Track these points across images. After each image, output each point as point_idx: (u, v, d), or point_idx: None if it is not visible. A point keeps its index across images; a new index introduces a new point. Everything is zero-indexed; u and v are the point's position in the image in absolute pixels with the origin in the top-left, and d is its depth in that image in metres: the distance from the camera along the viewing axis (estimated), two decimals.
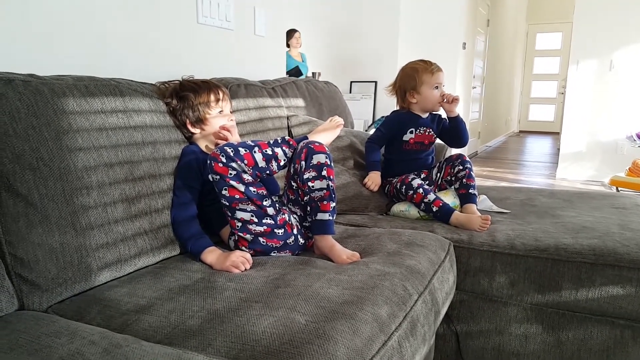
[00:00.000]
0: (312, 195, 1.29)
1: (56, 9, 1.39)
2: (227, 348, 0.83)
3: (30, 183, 1.00)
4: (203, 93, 1.40)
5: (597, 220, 1.63)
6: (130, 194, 1.21)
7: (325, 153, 1.29)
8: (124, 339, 0.81)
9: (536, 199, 1.96)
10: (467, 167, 1.79)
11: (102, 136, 1.17)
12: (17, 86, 1.04)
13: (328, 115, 2.24)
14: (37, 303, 1.00)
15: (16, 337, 0.81)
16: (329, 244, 1.27)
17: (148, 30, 1.70)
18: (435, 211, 1.68)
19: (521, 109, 11.28)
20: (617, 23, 4.76)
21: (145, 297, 1.03)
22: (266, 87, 1.95)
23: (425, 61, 1.89)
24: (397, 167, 1.92)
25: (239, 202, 1.22)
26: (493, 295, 1.50)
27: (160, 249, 1.27)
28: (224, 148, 1.19)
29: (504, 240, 1.49)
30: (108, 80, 1.28)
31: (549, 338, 1.45)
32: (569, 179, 5.20)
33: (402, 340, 0.96)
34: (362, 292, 1.02)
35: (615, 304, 1.36)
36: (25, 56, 1.32)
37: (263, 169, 1.24)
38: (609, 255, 1.37)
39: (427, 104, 1.88)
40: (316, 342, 0.82)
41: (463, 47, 5.67)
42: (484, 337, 1.53)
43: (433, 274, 1.25)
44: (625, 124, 4.86)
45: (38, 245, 1.00)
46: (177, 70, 1.81)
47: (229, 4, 2.06)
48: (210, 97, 1.41)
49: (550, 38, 10.52)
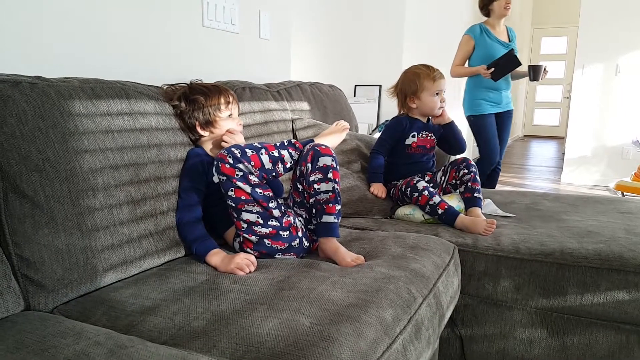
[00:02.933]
0: (317, 197, 1.29)
1: (59, 11, 1.40)
2: (232, 350, 0.83)
3: (37, 184, 1.01)
4: (213, 96, 1.42)
5: (603, 225, 1.62)
6: (135, 196, 1.21)
7: (331, 156, 1.29)
8: (129, 339, 0.81)
9: (541, 203, 1.96)
10: (472, 170, 1.79)
11: (108, 138, 1.18)
12: (24, 88, 1.05)
13: (332, 118, 2.24)
14: (43, 304, 1.01)
15: (22, 337, 0.81)
16: (333, 246, 1.27)
17: (154, 33, 1.70)
18: (441, 214, 1.67)
19: (526, 113, 11.25)
20: (623, 27, 4.74)
21: (151, 298, 1.03)
22: (271, 90, 1.96)
23: (428, 67, 1.90)
24: (400, 170, 1.92)
25: (245, 203, 1.22)
26: (498, 300, 1.50)
27: (165, 251, 1.27)
28: (231, 149, 1.20)
29: (509, 244, 1.49)
30: (114, 83, 1.29)
31: (553, 343, 1.45)
32: (574, 184, 5.19)
33: (407, 344, 0.96)
34: (367, 295, 1.02)
35: (621, 309, 1.35)
36: (32, 58, 1.33)
37: (269, 171, 1.24)
38: (614, 260, 1.36)
39: (426, 109, 1.90)
40: (321, 344, 0.82)
41: None
42: (488, 341, 1.53)
43: (438, 277, 1.25)
44: (631, 129, 4.84)
45: (44, 246, 1.01)
46: (182, 73, 1.81)
47: (234, 7, 2.07)
48: (220, 100, 1.43)
49: (555, 42, 10.49)
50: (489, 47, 3.26)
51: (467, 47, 3.33)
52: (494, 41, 3.28)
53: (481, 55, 3.26)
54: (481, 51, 3.28)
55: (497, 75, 3.14)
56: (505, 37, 3.36)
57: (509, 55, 3.12)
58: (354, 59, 4.20)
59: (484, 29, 3.30)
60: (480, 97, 3.33)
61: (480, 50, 3.28)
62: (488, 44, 3.27)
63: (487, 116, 3.34)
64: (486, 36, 3.28)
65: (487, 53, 3.24)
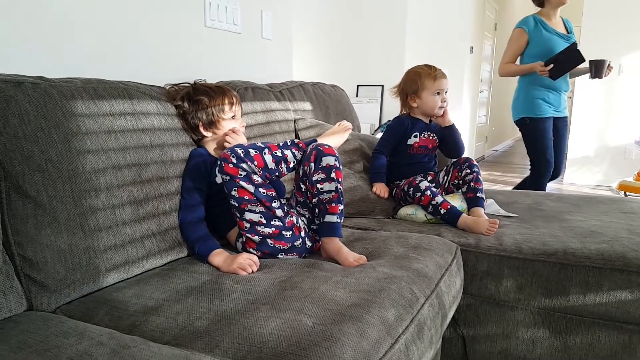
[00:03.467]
0: (320, 197, 1.29)
1: (60, 11, 1.40)
2: (235, 350, 0.83)
3: (39, 185, 1.01)
4: (218, 97, 1.42)
5: (606, 225, 1.62)
6: (138, 196, 1.21)
7: (335, 155, 1.29)
8: (132, 339, 0.81)
9: (544, 204, 1.96)
10: (474, 170, 1.79)
11: (110, 138, 1.18)
12: (26, 89, 1.05)
13: (335, 118, 2.24)
14: (46, 304, 1.01)
15: (25, 337, 0.81)
16: (336, 246, 1.27)
17: (156, 34, 1.71)
18: (443, 213, 1.67)
19: None
20: (626, 28, 4.73)
21: (153, 298, 1.03)
22: (273, 91, 1.96)
23: (430, 66, 1.90)
24: (402, 170, 1.92)
25: (248, 202, 1.22)
26: (500, 300, 1.50)
27: (167, 251, 1.27)
28: (234, 149, 1.20)
29: (511, 244, 1.48)
30: (116, 83, 1.29)
31: (556, 343, 1.45)
32: (577, 184, 5.18)
33: (409, 344, 0.95)
34: (369, 295, 1.02)
35: (624, 309, 1.35)
36: (34, 58, 1.33)
37: (272, 171, 1.25)
38: (617, 260, 1.36)
39: (427, 109, 1.90)
40: (323, 344, 0.82)
41: (470, 51, 5.66)
42: (490, 341, 1.53)
43: (440, 277, 1.25)
44: (633, 129, 4.83)
45: (47, 246, 1.01)
46: (184, 73, 1.82)
47: (236, 7, 2.07)
48: (224, 101, 1.43)
49: None
50: (546, 41, 2.82)
51: (520, 42, 2.90)
52: (552, 34, 2.84)
53: (538, 51, 2.83)
54: (537, 46, 2.84)
55: (556, 73, 2.71)
56: (563, 28, 2.92)
57: (571, 49, 2.68)
58: (356, 59, 4.20)
59: (538, 21, 2.85)
60: (540, 97, 2.88)
61: (535, 46, 2.85)
62: (545, 37, 2.83)
63: (546, 120, 2.90)
64: (542, 28, 2.84)
65: (545, 48, 2.81)
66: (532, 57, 2.86)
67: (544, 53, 2.78)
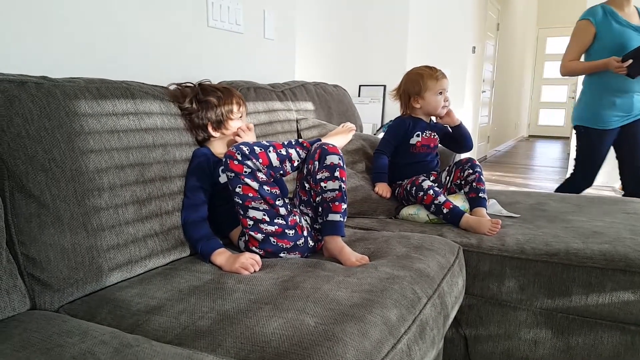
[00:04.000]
0: (324, 195, 1.30)
1: (61, 12, 1.40)
2: (237, 349, 0.83)
3: (43, 184, 1.01)
4: (227, 98, 1.45)
5: (608, 225, 1.62)
6: (141, 195, 1.22)
7: (339, 154, 1.30)
8: (134, 339, 0.81)
9: (546, 204, 1.95)
10: (477, 170, 1.79)
11: (113, 138, 1.18)
12: (29, 88, 1.05)
13: (337, 118, 2.25)
14: (49, 303, 1.02)
15: (28, 336, 0.82)
16: (338, 245, 1.28)
17: (159, 34, 1.71)
18: (446, 213, 1.67)
19: (531, 114, 11.22)
20: None
21: (156, 297, 1.03)
22: (275, 91, 1.96)
23: (430, 67, 1.91)
24: (405, 170, 1.92)
25: (252, 200, 1.23)
26: (502, 300, 1.50)
27: (170, 251, 1.27)
28: (239, 146, 1.21)
29: (513, 245, 1.48)
30: (119, 83, 1.29)
31: (558, 343, 1.44)
32: None
33: (411, 344, 0.95)
34: (371, 295, 1.02)
35: (626, 310, 1.35)
36: (38, 58, 1.34)
37: (277, 169, 1.25)
38: (620, 261, 1.35)
39: (430, 109, 1.91)
40: (325, 344, 0.82)
41: (473, 51, 5.66)
42: (492, 341, 1.53)
43: (442, 277, 1.25)
44: None
45: (50, 245, 1.01)
46: (187, 73, 1.82)
47: (238, 7, 2.07)
48: (233, 102, 1.46)
49: (560, 42, 10.45)
50: (616, 34, 2.44)
51: (586, 37, 2.51)
52: (625, 26, 2.44)
53: (607, 47, 2.46)
54: (607, 41, 2.46)
55: (636, 71, 2.34)
56: (638, 20, 2.50)
57: None
58: (358, 59, 4.20)
59: (608, 11, 2.47)
60: (607, 107, 2.53)
61: (605, 40, 2.47)
62: (616, 30, 2.44)
63: (608, 132, 2.57)
64: (612, 20, 2.45)
65: (615, 43, 2.43)
66: (599, 54, 2.49)
67: (614, 49, 2.42)
